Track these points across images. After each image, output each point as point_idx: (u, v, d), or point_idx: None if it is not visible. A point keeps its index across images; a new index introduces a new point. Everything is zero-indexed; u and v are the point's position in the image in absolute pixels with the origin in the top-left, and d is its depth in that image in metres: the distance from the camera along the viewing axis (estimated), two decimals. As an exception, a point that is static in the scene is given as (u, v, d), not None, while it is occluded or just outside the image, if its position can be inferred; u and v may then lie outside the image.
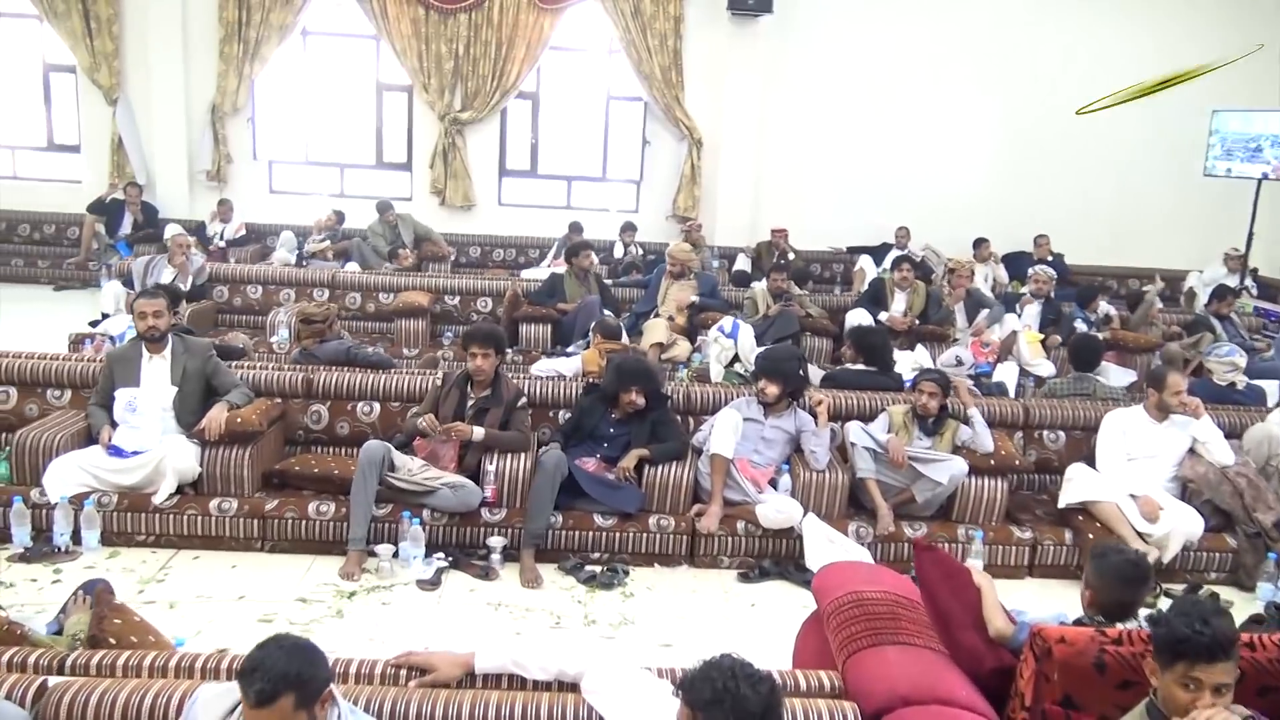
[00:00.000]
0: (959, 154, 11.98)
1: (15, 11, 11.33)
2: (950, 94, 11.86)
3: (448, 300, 8.72)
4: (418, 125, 11.80)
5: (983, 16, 11.61)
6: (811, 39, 11.50)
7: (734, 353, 6.39)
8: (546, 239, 11.48)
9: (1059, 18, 11.59)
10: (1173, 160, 11.74)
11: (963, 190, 11.96)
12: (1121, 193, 12.13)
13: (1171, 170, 11.82)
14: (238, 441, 5.03)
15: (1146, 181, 12.04)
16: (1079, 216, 11.92)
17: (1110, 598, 3.01)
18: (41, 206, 11.40)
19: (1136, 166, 11.97)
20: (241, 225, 11.24)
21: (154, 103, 11.37)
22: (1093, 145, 11.75)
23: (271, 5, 11.13)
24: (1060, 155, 11.89)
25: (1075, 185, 12.01)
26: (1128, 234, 12.12)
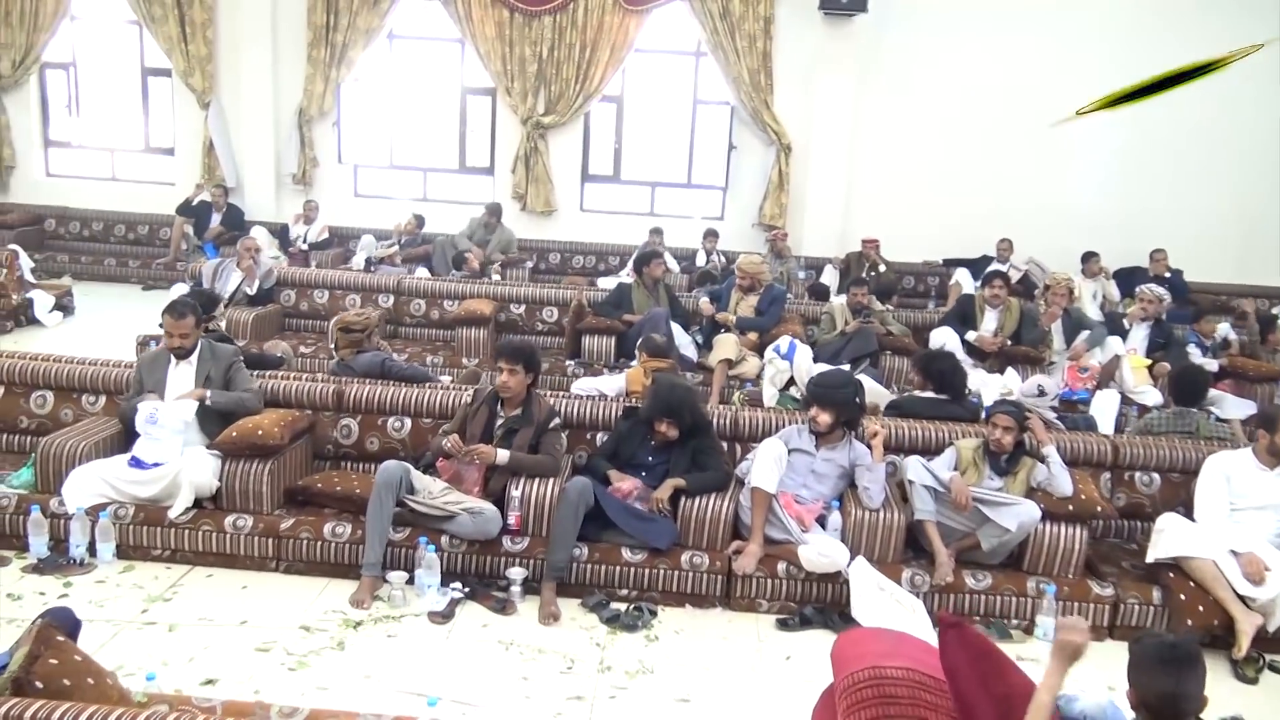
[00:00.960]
0: (1070, 160, 11.19)
1: (117, 17, 11.59)
2: (1063, 95, 11.04)
3: (512, 309, 8.48)
4: (500, 129, 11.65)
5: (1101, 15, 10.81)
6: (909, 38, 10.90)
7: (790, 375, 5.92)
8: (628, 246, 11.17)
9: (1185, 15, 10.70)
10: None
11: (1073, 200, 11.18)
12: (1251, 204, 11.14)
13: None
14: (257, 455, 4.84)
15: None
16: (1202, 229, 11.00)
17: (1152, 690, 2.49)
18: (137, 208, 11.66)
19: (1267, 176, 10.96)
20: (325, 228, 11.28)
21: (244, 106, 11.51)
22: (1221, 152, 10.84)
23: (359, 9, 11.12)
24: (1185, 162, 11.00)
25: (1199, 195, 11.09)
26: (1257, 249, 11.13)
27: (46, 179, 12.01)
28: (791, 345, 5.95)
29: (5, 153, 11.78)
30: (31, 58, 11.51)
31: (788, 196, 11.39)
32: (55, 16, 11.41)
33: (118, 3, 11.35)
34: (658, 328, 7.74)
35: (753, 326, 7.98)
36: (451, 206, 11.79)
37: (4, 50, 11.44)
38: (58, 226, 11.69)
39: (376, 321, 5.79)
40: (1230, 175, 11.04)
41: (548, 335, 8.48)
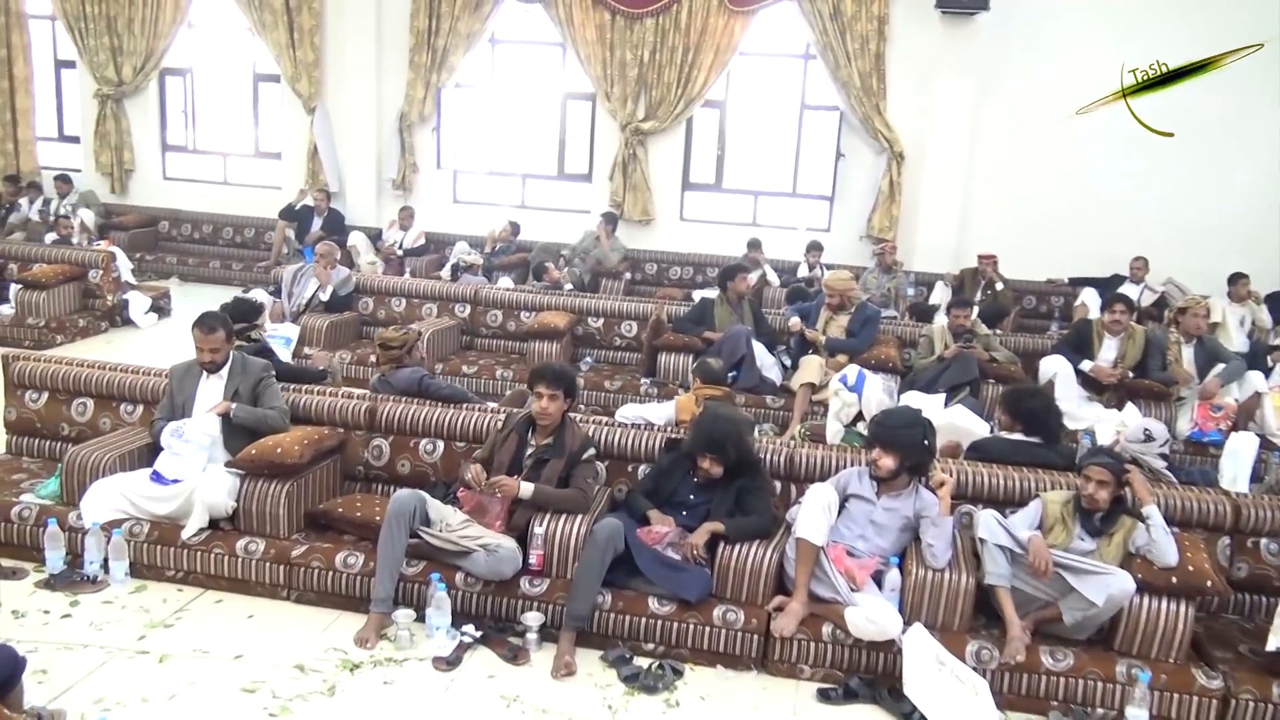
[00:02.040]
0: (1217, 171, 10.12)
1: (231, 24, 11.81)
2: (1210, 100, 10.03)
3: (590, 322, 8.13)
4: (599, 135, 11.34)
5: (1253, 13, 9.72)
6: (1034, 38, 10.07)
7: (858, 409, 5.33)
8: (728, 257, 10.65)
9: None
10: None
11: (1221, 214, 10.11)
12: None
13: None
14: (276, 475, 4.60)
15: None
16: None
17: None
18: (245, 211, 11.84)
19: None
20: (421, 234, 11.19)
21: (347, 111, 11.55)
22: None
23: (460, 13, 11.00)
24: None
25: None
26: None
27: (164, 182, 12.34)
28: (860, 376, 5.35)
29: (125, 156, 12.15)
30: (151, 64, 11.84)
31: (899, 208, 10.70)
32: (173, 24, 11.69)
33: (232, 10, 11.54)
34: (737, 347, 7.28)
35: (842, 349, 7.41)
36: (548, 214, 11.55)
37: (126, 57, 11.79)
38: (170, 228, 11.98)
39: (416, 338, 5.50)
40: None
41: (625, 351, 8.11)
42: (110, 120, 12.00)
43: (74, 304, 8.69)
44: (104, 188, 12.18)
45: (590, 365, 7.92)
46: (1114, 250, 9.98)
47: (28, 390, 5.38)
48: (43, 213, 11.62)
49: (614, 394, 7.44)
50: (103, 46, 11.79)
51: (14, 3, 11.91)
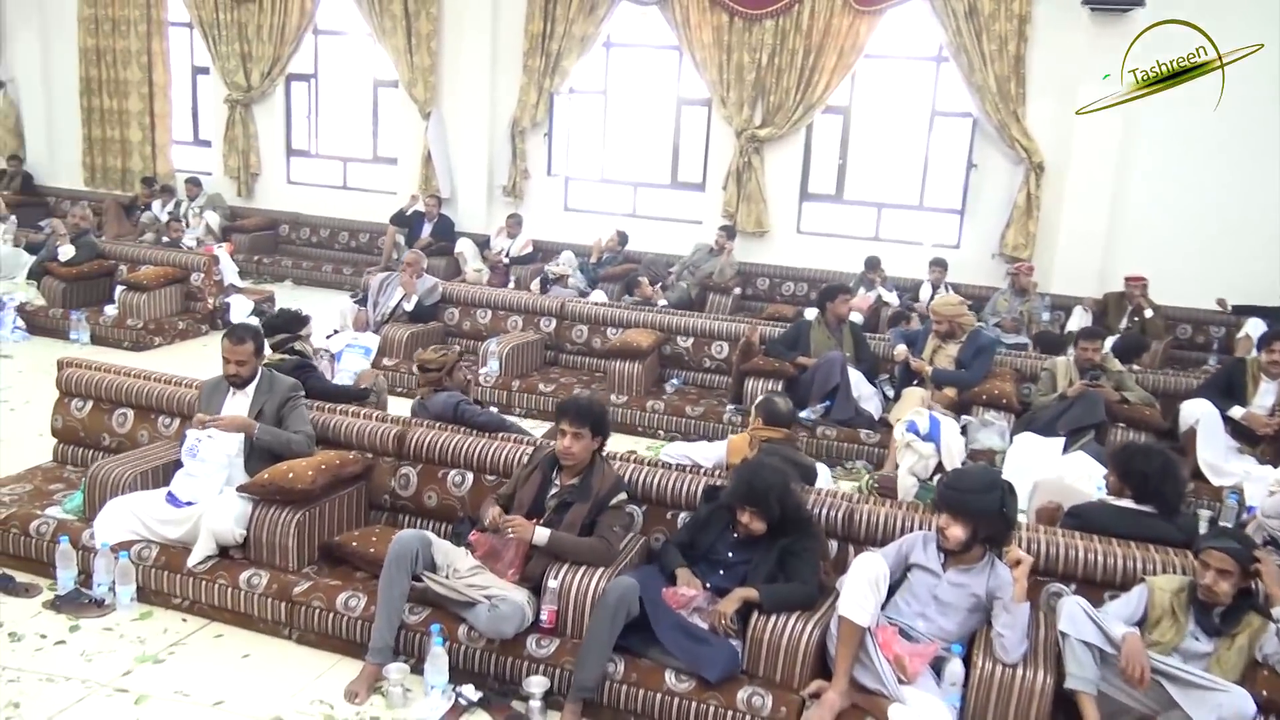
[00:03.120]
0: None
1: (354, 29, 11.87)
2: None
3: (679, 341, 7.63)
4: (714, 143, 10.81)
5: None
6: (1194, 37, 8.93)
7: (937, 460, 4.62)
8: (848, 273, 10.00)
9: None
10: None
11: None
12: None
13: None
14: (287, 502, 4.30)
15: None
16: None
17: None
18: (362, 216, 11.87)
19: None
20: (529, 242, 10.95)
21: (461, 116, 11.42)
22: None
23: (575, 16, 10.68)
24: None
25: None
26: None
27: (287, 186, 12.52)
28: (934, 423, 4.63)
29: (252, 160, 12.38)
30: (277, 70, 12.02)
31: (1036, 224, 9.75)
32: (299, 30, 11.83)
33: (355, 16, 11.59)
34: (831, 375, 6.67)
35: (950, 381, 6.69)
36: (660, 223, 11.12)
37: (254, 63, 12.01)
38: (290, 232, 12.14)
39: (456, 359, 5.12)
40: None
41: (714, 373, 7.59)
42: (238, 125, 12.26)
43: (175, 306, 8.78)
44: (231, 191, 12.44)
45: (676, 387, 7.43)
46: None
47: (74, 398, 5.30)
48: (171, 214, 11.95)
49: (695, 420, 6.93)
50: (233, 53, 12.04)
51: (156, 11, 12.30)
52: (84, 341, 8.32)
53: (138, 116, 12.62)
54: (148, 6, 12.26)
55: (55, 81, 12.96)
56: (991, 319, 9.10)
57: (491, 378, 7.35)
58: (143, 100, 12.53)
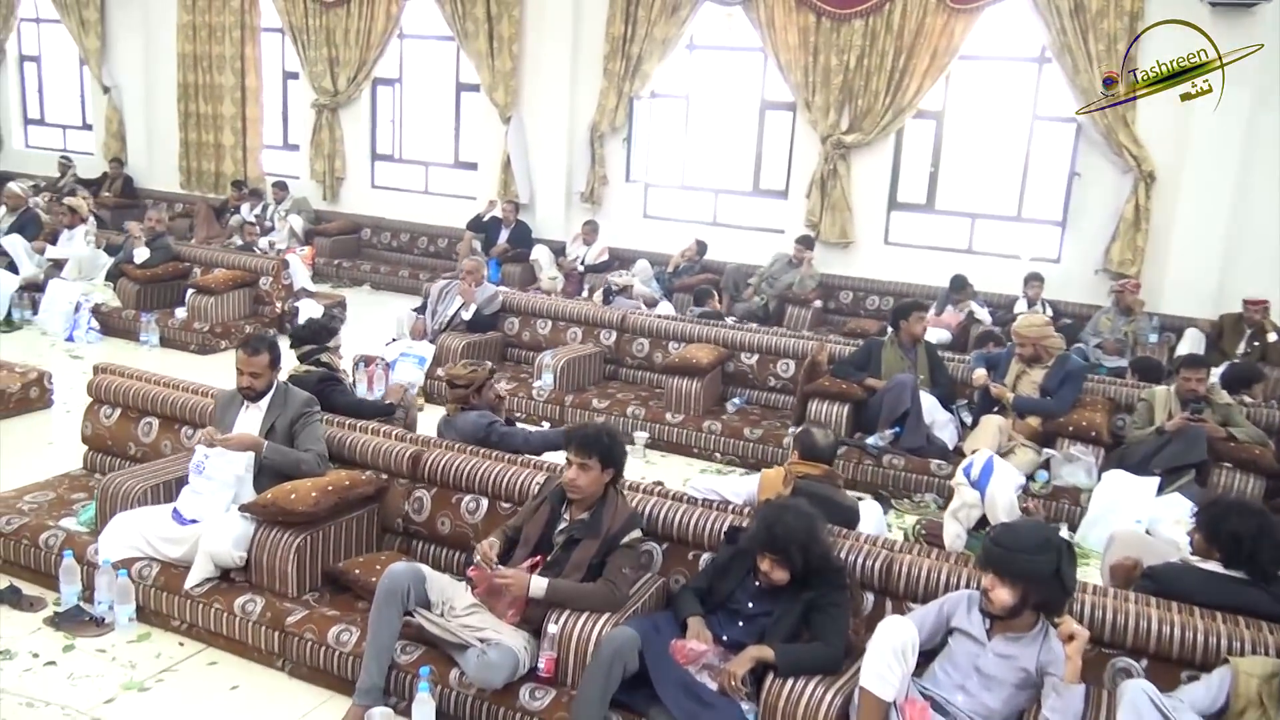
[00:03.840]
0: None
1: (436, 34, 11.81)
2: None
3: (744, 358, 7.23)
4: (798, 149, 10.35)
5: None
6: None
7: (981, 511, 4.09)
8: (936, 288, 9.44)
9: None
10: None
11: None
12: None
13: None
14: (288, 525, 4.08)
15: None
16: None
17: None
18: (441, 221, 11.79)
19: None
20: (604, 250, 10.69)
21: (541, 121, 11.23)
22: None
23: (657, 18, 10.37)
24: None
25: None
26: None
27: (371, 190, 12.53)
28: (987, 466, 4.09)
29: (337, 164, 12.44)
30: (363, 74, 12.04)
31: (1145, 238, 9.01)
32: (385, 34, 11.82)
33: (438, 20, 11.51)
34: (901, 399, 6.18)
35: (1033, 410, 6.14)
36: (740, 232, 10.71)
37: (341, 68, 12.05)
38: (371, 236, 12.15)
39: (487, 377, 4.84)
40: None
41: (779, 393, 7.16)
42: (325, 129, 12.33)
43: (243, 310, 8.77)
44: (317, 195, 12.52)
45: (737, 406, 7.02)
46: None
47: (104, 405, 5.20)
48: (258, 217, 12.10)
49: (753, 443, 6.52)
50: (321, 57, 12.11)
51: (250, 17, 12.48)
52: (153, 344, 8.37)
53: (230, 121, 12.82)
54: (242, 12, 12.45)
55: (155, 87, 13.28)
56: (1092, 340, 8.44)
57: (545, 392, 7.07)
58: (235, 105, 12.72)
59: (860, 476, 6.24)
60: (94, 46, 13.44)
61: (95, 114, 13.98)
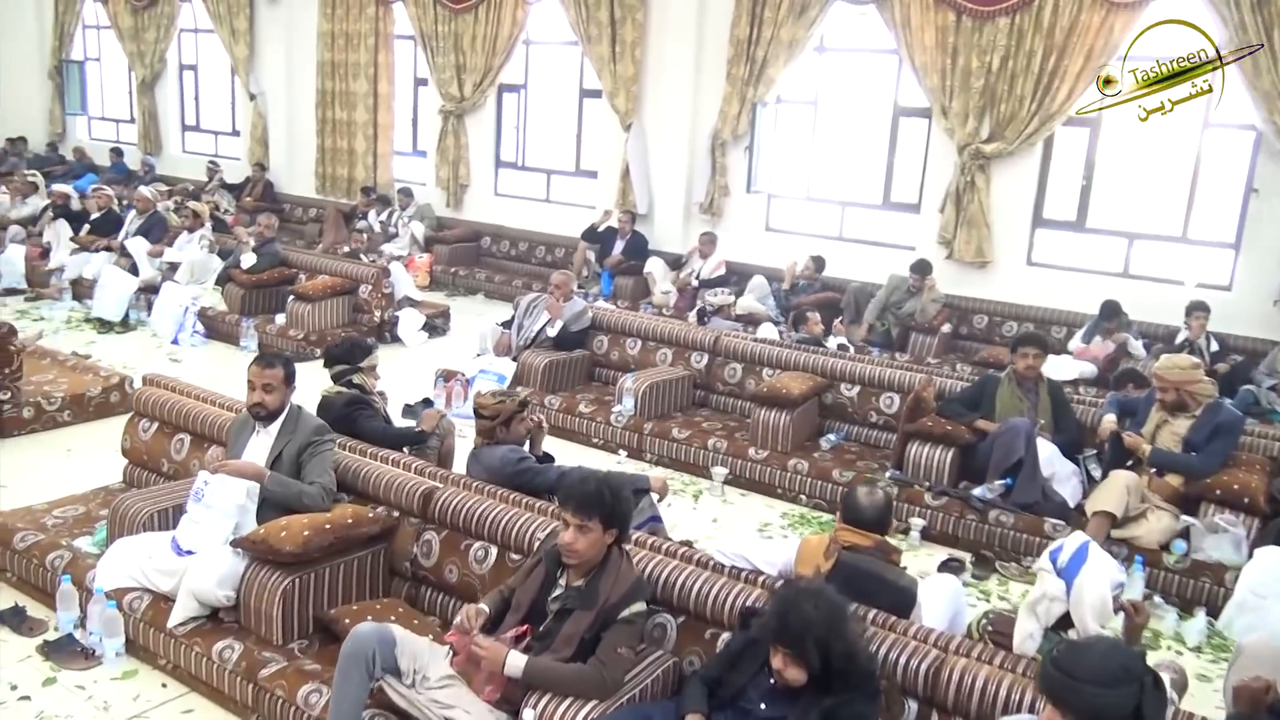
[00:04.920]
0: None
1: (561, 39, 11.53)
2: None
3: (843, 390, 6.54)
4: (933, 159, 9.51)
5: None
6: None
7: (1065, 608, 3.29)
8: (1083, 315, 8.47)
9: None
10: None
11: None
12: None
13: None
14: (277, 565, 3.73)
15: None
16: None
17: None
18: (561, 230, 11.50)
19: None
20: (721, 263, 10.13)
21: (661, 128, 10.78)
22: None
23: (783, 19, 9.74)
24: None
25: None
26: None
27: (495, 198, 12.38)
28: (1080, 553, 3.25)
29: (461, 171, 12.33)
30: (488, 80, 11.88)
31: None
32: (510, 40, 11.62)
33: (564, 25, 11.23)
34: (1013, 446, 5.41)
35: (1173, 466, 5.26)
36: (868, 248, 9.95)
37: (468, 74, 11.94)
38: (491, 244, 11.99)
39: (517, 409, 4.36)
40: None
41: (881, 430, 6.44)
42: (450, 136, 12.25)
43: (341, 318, 8.67)
44: (442, 202, 12.46)
45: (833, 444, 6.34)
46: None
47: (143, 418, 5.04)
48: (383, 224, 12.14)
49: (841, 487, 5.82)
50: (449, 64, 12.04)
51: (384, 24, 12.57)
52: (251, 349, 8.34)
53: (363, 127, 12.95)
54: (376, 20, 12.55)
55: (296, 94, 13.57)
56: (1267, 381, 7.32)
57: (624, 417, 6.59)
58: (368, 111, 12.84)
59: (962, 533, 5.48)
60: (243, 55, 13.85)
61: (243, 120, 14.42)
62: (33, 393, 6.37)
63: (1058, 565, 3.24)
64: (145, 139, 15.46)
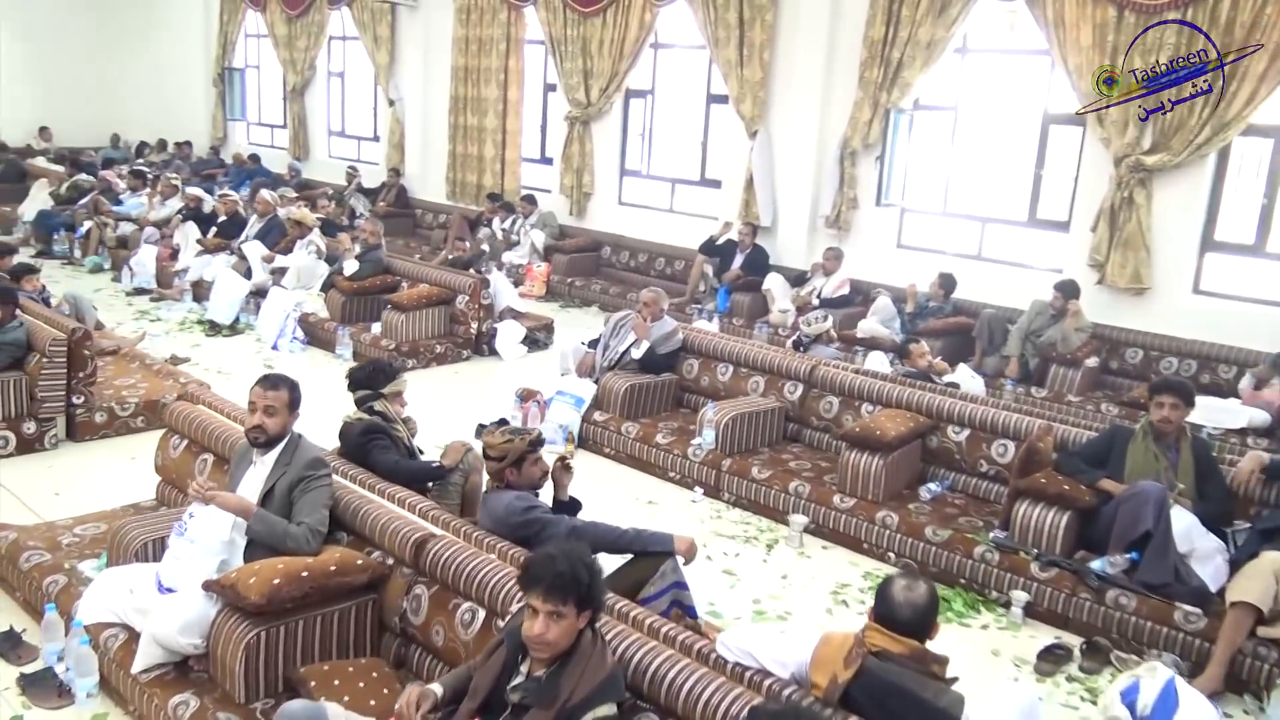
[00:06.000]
0: None
1: (688, 43, 11.05)
2: None
3: (951, 433, 5.77)
4: (1086, 172, 8.49)
5: None
6: None
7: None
8: (1262, 352, 7.35)
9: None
10: None
11: None
12: None
13: None
14: (248, 615, 3.38)
15: None
16: None
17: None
18: (682, 241, 10.99)
19: None
20: (845, 282, 9.40)
21: (788, 136, 10.13)
22: None
23: (922, 18, 8.93)
24: None
25: None
26: None
27: (618, 207, 11.99)
28: (1168, 696, 2.43)
29: (585, 179, 12.00)
30: (614, 85, 11.50)
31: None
32: (637, 43, 11.20)
33: (692, 28, 10.74)
34: (1140, 516, 4.60)
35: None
36: (1011, 270, 9.01)
37: (595, 79, 11.59)
38: (611, 255, 11.61)
39: (525, 449, 3.86)
40: None
41: (991, 481, 5.64)
42: (575, 143, 11.94)
43: (437, 329, 8.43)
44: (565, 210, 12.17)
45: (934, 494, 5.58)
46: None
47: (174, 435, 4.84)
48: (504, 231, 11.95)
49: (934, 548, 5.10)
50: (576, 69, 11.73)
51: (515, 29, 12.39)
52: (346, 358, 8.21)
53: (492, 133, 12.82)
54: (508, 25, 12.38)
55: (431, 100, 13.59)
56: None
57: (702, 451, 6.02)
58: (497, 117, 12.70)
59: (1073, 613, 4.67)
60: (384, 61, 13.99)
61: (383, 126, 14.58)
62: (110, 397, 6.35)
63: (1137, 713, 2.49)
64: (295, 144, 15.89)
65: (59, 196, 12.42)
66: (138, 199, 11.88)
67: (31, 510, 5.19)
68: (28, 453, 5.90)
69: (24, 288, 7.02)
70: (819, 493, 5.55)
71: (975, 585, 4.98)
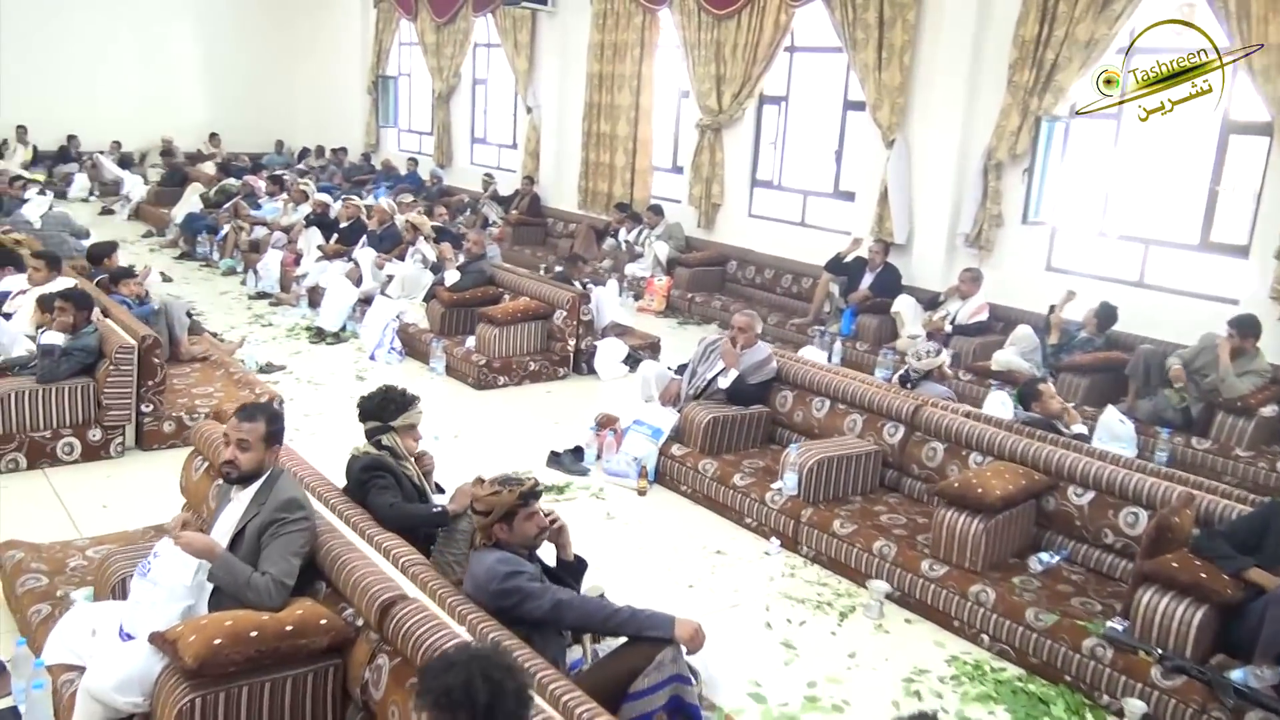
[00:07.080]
0: None
1: (825, 46, 10.33)
2: None
3: (1072, 494, 4.92)
4: (1270, 189, 7.32)
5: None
6: None
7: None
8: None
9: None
10: None
11: None
12: None
13: None
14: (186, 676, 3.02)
15: None
16: None
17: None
18: (812, 257, 10.25)
19: None
20: (984, 306, 8.53)
21: (927, 146, 9.28)
22: None
23: (1081, 15, 7.96)
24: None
25: None
26: None
27: (748, 219, 11.37)
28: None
29: (714, 190, 11.44)
30: (746, 90, 10.89)
31: None
32: (771, 46, 10.56)
33: (829, 30, 10.02)
34: None
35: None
36: (1177, 299, 7.90)
37: (727, 84, 11.02)
38: (737, 269, 11.00)
39: (514, 503, 3.33)
40: None
41: (1117, 555, 4.77)
42: (706, 152, 11.39)
43: (532, 345, 8.06)
44: (693, 221, 11.65)
45: (1046, 565, 4.76)
46: None
47: (199, 456, 4.59)
48: (628, 242, 11.55)
49: (1036, 635, 4.29)
50: (708, 74, 11.18)
51: (649, 34, 11.97)
52: (439, 372, 7.98)
53: (624, 141, 12.45)
54: (642, 30, 11.99)
55: (566, 107, 13.35)
56: None
57: (781, 498, 5.37)
58: (629, 125, 12.32)
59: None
60: (523, 68, 13.87)
61: (521, 134, 14.45)
62: (183, 406, 6.26)
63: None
64: (439, 150, 16.02)
65: (208, 200, 12.84)
66: (275, 204, 12.11)
67: (73, 522, 5.08)
68: (93, 460, 5.84)
69: (120, 291, 7.06)
70: (906, 556, 4.81)
71: (1083, 685, 4.15)
